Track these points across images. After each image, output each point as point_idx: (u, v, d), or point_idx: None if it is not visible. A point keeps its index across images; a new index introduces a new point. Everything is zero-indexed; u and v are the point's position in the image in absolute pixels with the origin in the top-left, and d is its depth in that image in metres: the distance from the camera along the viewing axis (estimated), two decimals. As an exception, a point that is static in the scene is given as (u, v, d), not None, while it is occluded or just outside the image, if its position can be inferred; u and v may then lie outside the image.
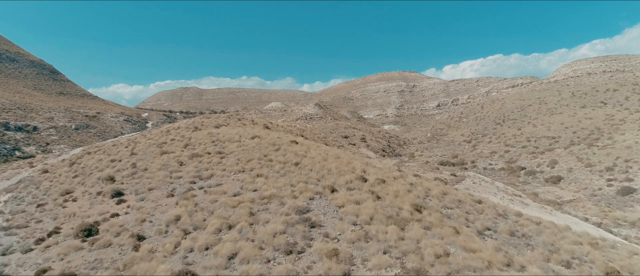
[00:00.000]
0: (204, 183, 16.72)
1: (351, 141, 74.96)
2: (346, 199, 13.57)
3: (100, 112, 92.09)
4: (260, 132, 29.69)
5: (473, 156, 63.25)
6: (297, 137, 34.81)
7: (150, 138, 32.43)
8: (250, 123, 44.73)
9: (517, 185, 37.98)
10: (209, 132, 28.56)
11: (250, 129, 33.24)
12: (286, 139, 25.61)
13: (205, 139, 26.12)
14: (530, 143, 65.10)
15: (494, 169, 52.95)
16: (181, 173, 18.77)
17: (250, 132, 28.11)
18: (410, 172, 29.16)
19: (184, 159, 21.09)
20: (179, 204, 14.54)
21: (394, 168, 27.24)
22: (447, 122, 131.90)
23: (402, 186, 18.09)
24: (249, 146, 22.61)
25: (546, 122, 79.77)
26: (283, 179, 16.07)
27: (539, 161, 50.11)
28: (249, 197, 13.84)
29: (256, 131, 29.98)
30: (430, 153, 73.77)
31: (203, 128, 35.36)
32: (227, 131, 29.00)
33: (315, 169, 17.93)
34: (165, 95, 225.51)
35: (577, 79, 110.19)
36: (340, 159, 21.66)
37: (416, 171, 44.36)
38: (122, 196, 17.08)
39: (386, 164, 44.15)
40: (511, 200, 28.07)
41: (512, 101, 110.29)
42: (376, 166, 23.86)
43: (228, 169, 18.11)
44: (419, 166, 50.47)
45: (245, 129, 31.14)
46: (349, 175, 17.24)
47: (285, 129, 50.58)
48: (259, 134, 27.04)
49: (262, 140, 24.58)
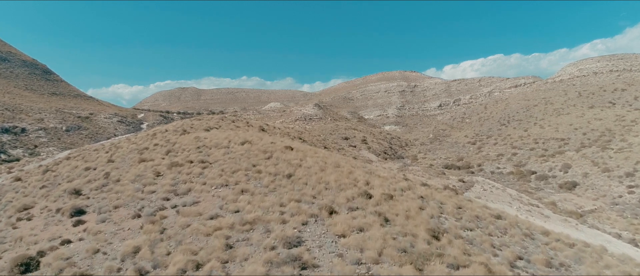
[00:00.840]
0: (178, 200, 14.11)
1: (352, 143, 72.38)
2: (348, 225, 10.95)
3: (93, 113, 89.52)
4: (253, 136, 27.10)
5: (479, 159, 60.63)
6: (294, 141, 32.18)
7: (134, 143, 29.84)
8: (244, 125, 42.15)
9: (531, 192, 35.36)
10: (195, 137, 25.95)
11: (242, 132, 30.63)
12: (280, 145, 23.00)
13: (190, 144, 23.52)
14: (538, 145, 62.47)
15: (502, 174, 50.34)
16: (155, 186, 16.17)
17: (241, 137, 25.51)
18: (417, 179, 26.56)
19: (162, 169, 18.48)
20: (144, 228, 11.93)
21: (399, 176, 24.63)
22: (450, 123, 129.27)
23: (412, 202, 15.47)
24: (237, 153, 19.99)
25: (553, 123, 77.14)
26: (272, 197, 13.45)
27: (550, 164, 47.48)
28: (228, 222, 11.22)
29: (248, 135, 27.39)
30: (434, 155, 71.15)
31: (192, 131, 32.77)
32: (216, 135, 26.41)
33: (311, 182, 15.32)
34: (163, 95, 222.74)
35: (583, 79, 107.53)
36: (341, 168, 19.04)
37: (421, 175, 41.76)
38: (83, 216, 14.48)
39: (389, 169, 41.55)
40: (529, 211, 25.45)
41: (517, 101, 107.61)
42: (380, 175, 21.24)
43: (209, 183, 15.49)
44: (423, 170, 47.86)
45: (236, 133, 28.52)
46: (351, 190, 14.62)
47: (282, 131, 47.99)
48: (250, 139, 24.43)
49: (252, 146, 21.97)
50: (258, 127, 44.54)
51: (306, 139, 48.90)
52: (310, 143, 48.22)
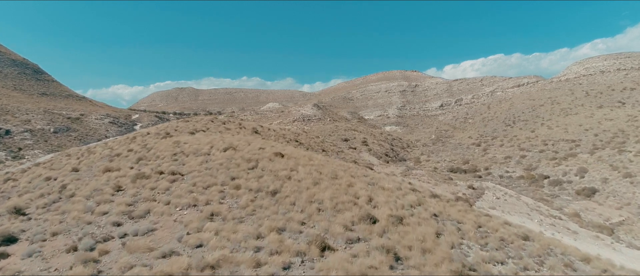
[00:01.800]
0: (130, 227, 11.10)
1: (351, 145, 69.37)
2: (345, 269, 7.93)
3: (84, 114, 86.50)
4: (240, 140, 24.10)
5: (486, 162, 57.60)
6: (288, 145, 29.15)
7: (109, 148, 26.86)
8: (236, 128, 39.14)
9: (547, 200, 32.33)
10: (175, 142, 22.95)
11: (230, 136, 27.63)
12: (269, 151, 19.99)
13: (167, 150, 20.51)
14: (547, 147, 59.46)
15: (511, 178, 47.30)
16: (110, 205, 13.16)
17: (226, 142, 22.52)
18: (425, 189, 23.54)
19: (125, 182, 15.48)
20: (74, 269, 8.94)
21: (406, 185, 21.59)
22: (452, 124, 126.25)
23: (426, 225, 12.47)
24: (216, 162, 16.99)
25: (561, 123, 74.13)
26: (247, 224, 10.45)
27: (563, 168, 44.45)
28: (182, 265, 8.20)
29: (235, 140, 24.39)
30: (438, 158, 68.14)
31: (175, 134, 29.79)
32: (198, 140, 23.41)
33: (300, 201, 12.32)
34: (160, 96, 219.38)
35: (589, 78, 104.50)
36: (338, 180, 16.04)
37: (427, 181, 38.73)
38: (12, 245, 11.48)
39: (393, 175, 38.52)
40: (553, 225, 22.44)
41: (522, 101, 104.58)
42: (385, 186, 18.23)
43: (174, 202, 12.49)
44: (428, 174, 44.85)
45: (222, 137, 25.51)
46: (350, 212, 11.62)
47: (277, 133, 45.00)
48: (235, 145, 21.43)
49: (236, 153, 18.97)
50: (251, 129, 41.56)
51: (303, 142, 45.91)
52: (307, 145, 45.23)
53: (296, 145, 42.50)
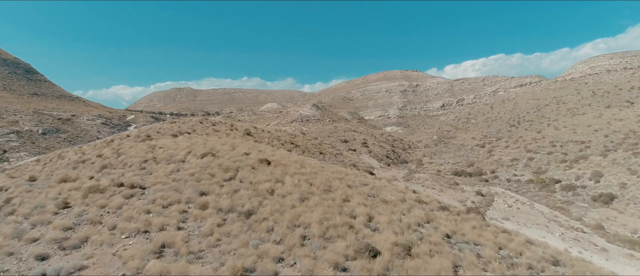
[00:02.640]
0: (56, 263, 8.51)
1: (351, 146, 66.77)
2: None
3: (75, 114, 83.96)
4: (226, 144, 21.53)
5: (491, 164, 54.96)
6: (279, 149, 26.52)
7: (80, 153, 24.29)
8: (226, 129, 36.57)
9: (563, 208, 29.71)
10: (150, 146, 20.38)
11: (216, 139, 25.03)
12: (254, 157, 17.41)
13: (137, 156, 17.94)
14: (555, 149, 56.82)
15: (520, 182, 44.67)
16: (46, 228, 10.59)
17: (207, 146, 19.96)
18: (432, 200, 20.93)
19: (75, 197, 12.88)
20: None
21: (410, 195, 18.98)
22: (454, 124, 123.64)
23: (440, 257, 9.87)
24: (187, 172, 14.39)
25: (569, 124, 71.49)
26: (204, 263, 7.84)
27: (576, 172, 41.80)
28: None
29: (221, 143, 21.83)
30: (441, 160, 65.50)
31: (157, 137, 27.22)
32: (177, 144, 20.83)
33: (281, 226, 9.72)
34: (158, 96, 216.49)
35: (595, 77, 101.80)
36: (332, 194, 13.45)
37: (431, 186, 36.10)
38: None
39: (395, 180, 35.90)
40: (577, 240, 19.82)
41: (526, 101, 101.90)
42: (387, 199, 15.65)
43: (121, 226, 9.90)
44: (432, 178, 42.24)
45: (207, 140, 22.93)
46: (343, 241, 9.04)
47: (271, 135, 42.41)
48: (217, 149, 18.86)
49: (215, 160, 16.39)
50: (243, 131, 38.98)
51: (299, 144, 43.32)
52: (304, 148, 42.64)
53: (291, 148, 39.93)
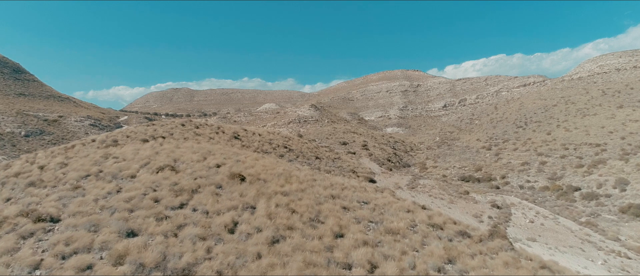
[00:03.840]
0: None
1: (351, 149, 63.13)
2: None
3: (62, 115, 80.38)
4: (199, 152, 17.94)
5: (501, 169, 51.28)
6: (266, 156, 22.84)
7: (30, 161, 20.69)
8: (211, 133, 32.92)
9: (594, 224, 26.03)
10: (104, 155, 16.78)
11: (194, 145, 21.38)
12: (226, 171, 13.80)
13: (81, 169, 14.34)
14: (569, 152, 53.17)
15: (534, 189, 41.01)
16: None
17: (173, 155, 16.37)
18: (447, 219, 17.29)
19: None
20: None
21: (422, 217, 15.33)
22: (457, 125, 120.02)
23: None
24: (125, 196, 10.76)
25: (580, 125, 67.84)
26: None
27: (596, 178, 38.13)
28: None
29: (194, 150, 18.24)
30: (446, 163, 61.81)
31: (125, 143, 23.62)
32: (137, 152, 17.24)
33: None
34: (155, 97, 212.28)
35: (604, 76, 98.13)
36: (320, 228, 9.83)
37: (439, 195, 32.40)
38: None
39: (399, 188, 32.26)
40: (626, 270, 16.19)
41: (532, 101, 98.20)
42: (394, 227, 12.05)
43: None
44: (439, 185, 38.58)
45: (178, 147, 19.31)
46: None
47: (262, 138, 38.77)
48: (183, 159, 15.27)
49: (172, 175, 12.79)
50: (231, 134, 35.36)
51: (293, 148, 39.70)
52: (298, 152, 39.02)
53: (284, 152, 36.31)
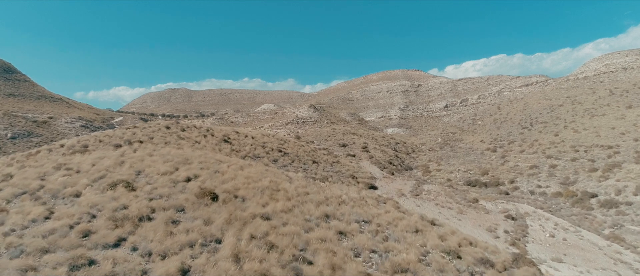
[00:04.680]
0: None
1: (350, 151, 60.54)
2: None
3: (53, 116, 77.83)
4: (172, 160, 15.39)
5: (508, 173, 48.67)
6: (251, 166, 20.20)
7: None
8: (199, 136, 30.35)
9: (620, 238, 23.45)
10: (56, 165, 14.21)
11: (165, 152, 18.80)
12: (193, 188, 11.25)
13: (18, 184, 11.78)
14: (579, 154, 50.56)
15: (546, 195, 38.41)
16: None
17: (141, 164, 13.80)
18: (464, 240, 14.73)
19: None
20: None
21: (433, 238, 12.77)
22: (459, 125, 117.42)
23: None
24: (47, 227, 8.17)
25: (589, 126, 65.25)
26: None
27: (614, 184, 35.53)
28: None
29: (162, 161, 15.68)
30: (449, 166, 59.18)
31: (95, 148, 21.07)
32: (101, 161, 14.67)
33: None
34: (152, 97, 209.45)
35: (611, 75, 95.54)
36: (308, 271, 7.21)
37: (447, 203, 29.81)
38: None
39: (402, 195, 29.63)
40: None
41: (537, 101, 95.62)
42: (402, 258, 9.48)
43: None
44: (445, 192, 35.97)
45: (150, 154, 16.75)
46: None
47: (255, 141, 36.17)
48: (148, 172, 12.71)
49: (126, 194, 10.22)
50: (221, 137, 32.77)
51: (289, 151, 37.12)
52: (294, 156, 36.43)
53: (278, 156, 33.73)
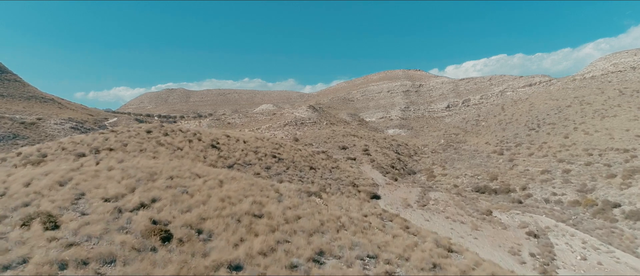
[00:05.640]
0: None
1: (350, 155, 57.63)
2: None
3: (41, 118, 74.93)
4: (132, 177, 12.46)
5: (519, 178, 45.70)
6: (221, 188, 17.19)
7: None
8: (183, 141, 27.39)
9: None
10: None
11: (142, 161, 15.85)
12: (139, 224, 8.26)
13: None
14: (593, 158, 47.60)
15: (562, 204, 35.47)
16: None
17: (84, 186, 10.90)
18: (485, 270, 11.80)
19: None
20: None
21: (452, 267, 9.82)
22: (462, 127, 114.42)
23: None
24: None
25: (600, 127, 62.30)
26: None
27: (638, 192, 32.56)
28: None
29: (115, 181, 12.75)
30: (455, 170, 56.19)
31: (56, 158, 18.14)
32: (34, 182, 11.73)
33: None
34: (149, 97, 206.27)
35: (619, 75, 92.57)
36: None
37: (459, 216, 26.84)
38: None
39: (407, 206, 26.65)
40: None
41: (543, 101, 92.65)
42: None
43: None
44: (454, 202, 32.97)
45: (108, 169, 13.82)
46: None
47: (247, 146, 33.21)
48: (90, 196, 9.76)
49: (35, 238, 7.23)
50: (209, 142, 29.82)
51: (284, 157, 34.18)
52: (289, 161, 33.50)
53: (272, 163, 30.79)
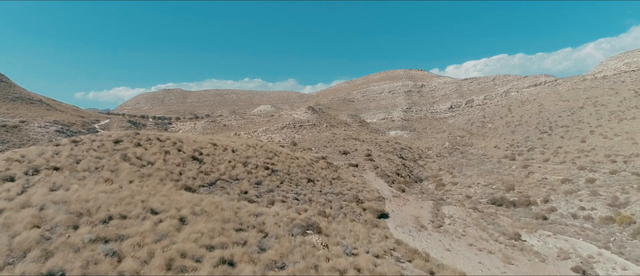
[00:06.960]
0: None
1: (352, 161, 53.55)
2: None
3: (25, 120, 70.83)
4: (33, 225, 8.37)
5: (538, 188, 41.68)
6: (178, 233, 13.14)
7: None
8: (153, 155, 23.37)
9: None
10: None
11: (61, 194, 11.82)
12: None
13: None
14: (617, 165, 43.61)
15: (592, 220, 31.46)
16: None
17: None
18: None
19: None
20: None
21: None
22: (467, 128, 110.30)
23: None
24: None
25: (619, 131, 58.27)
26: None
27: (682, 209, 28.55)
28: None
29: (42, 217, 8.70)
30: (465, 178, 52.14)
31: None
32: None
33: None
34: (145, 98, 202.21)
35: (633, 74, 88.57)
36: None
37: (480, 238, 22.80)
38: None
39: (421, 228, 22.61)
40: None
41: (553, 103, 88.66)
42: None
43: None
44: (470, 217, 28.89)
45: (25, 206, 9.77)
46: None
47: (236, 157, 29.17)
48: None
49: None
50: (190, 153, 25.79)
51: (278, 167, 30.15)
52: (285, 173, 29.48)
53: (264, 176, 26.76)
